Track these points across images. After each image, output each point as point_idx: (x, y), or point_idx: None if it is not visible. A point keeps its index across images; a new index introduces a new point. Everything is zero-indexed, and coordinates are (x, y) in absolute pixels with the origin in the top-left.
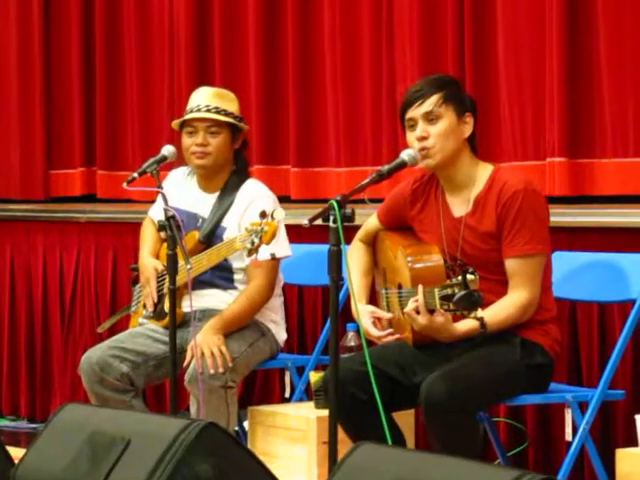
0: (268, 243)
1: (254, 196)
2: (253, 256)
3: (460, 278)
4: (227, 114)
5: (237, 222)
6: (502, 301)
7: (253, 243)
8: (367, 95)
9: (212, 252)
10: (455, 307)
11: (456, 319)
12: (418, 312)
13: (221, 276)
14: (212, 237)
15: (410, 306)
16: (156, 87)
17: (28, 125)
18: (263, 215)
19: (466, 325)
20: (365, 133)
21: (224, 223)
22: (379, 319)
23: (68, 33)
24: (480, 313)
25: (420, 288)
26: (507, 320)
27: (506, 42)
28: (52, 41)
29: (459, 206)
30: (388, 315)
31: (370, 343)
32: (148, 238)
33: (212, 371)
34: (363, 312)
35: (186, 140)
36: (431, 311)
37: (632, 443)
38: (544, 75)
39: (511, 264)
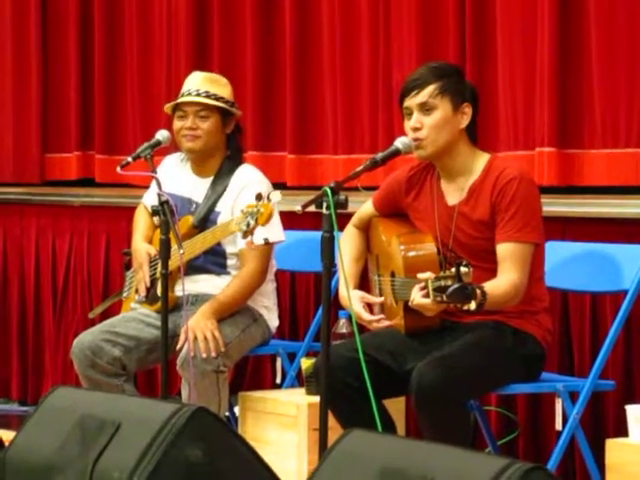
0: (264, 224)
1: (248, 181)
2: (248, 238)
3: (454, 270)
4: (217, 98)
5: (231, 207)
6: (496, 280)
7: (249, 225)
8: (364, 82)
9: (207, 234)
10: (449, 299)
11: (449, 311)
12: (427, 296)
13: (214, 261)
14: (206, 222)
15: (417, 294)
16: (155, 71)
17: (23, 108)
18: (259, 197)
19: None
20: (362, 120)
21: (218, 208)
22: (369, 304)
23: (66, 14)
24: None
25: (420, 276)
26: (503, 297)
27: (502, 31)
28: (49, 21)
29: (453, 194)
30: (379, 299)
31: (362, 330)
32: (141, 224)
33: (204, 355)
34: (353, 297)
35: (177, 123)
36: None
37: (622, 433)
38: (535, 65)
39: (502, 249)
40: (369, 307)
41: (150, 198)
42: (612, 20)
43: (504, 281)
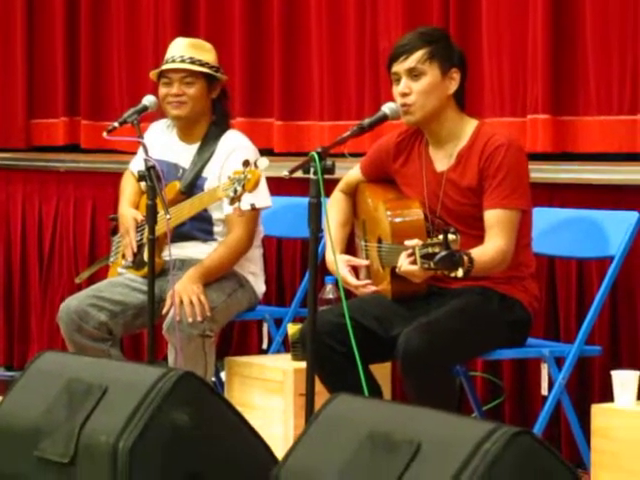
0: (251, 191)
1: (235, 146)
2: (236, 204)
3: (441, 237)
4: (202, 64)
5: (218, 172)
6: (483, 246)
7: (236, 191)
8: (351, 49)
9: (194, 200)
10: (436, 266)
11: (436, 277)
12: (414, 263)
13: (201, 228)
14: (193, 187)
15: (404, 261)
16: (142, 37)
17: (8, 73)
18: (246, 164)
19: None
20: (349, 87)
21: (205, 173)
22: (355, 268)
23: None
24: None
25: (408, 243)
26: (490, 262)
27: None
28: None
29: (442, 160)
30: (364, 262)
31: (348, 296)
32: (128, 190)
33: (190, 319)
34: (339, 261)
35: (162, 90)
36: None
37: (608, 399)
38: (527, 31)
39: (489, 215)
40: (355, 271)
41: (137, 164)
42: None
43: (491, 247)
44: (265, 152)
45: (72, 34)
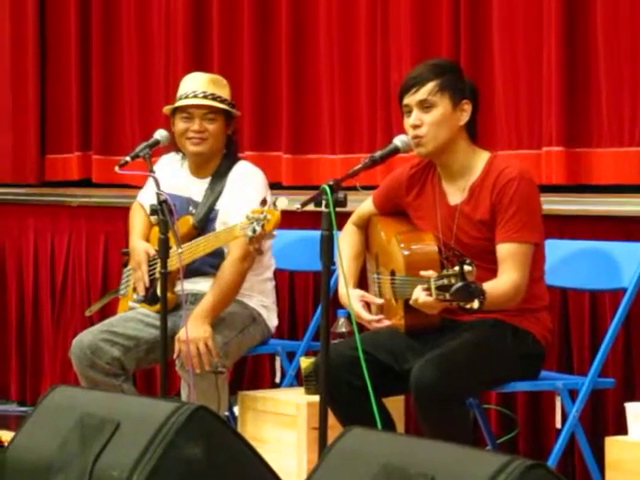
0: (271, 231)
1: (242, 172)
2: (256, 245)
3: (457, 268)
4: (222, 100)
5: (227, 201)
6: (496, 280)
7: (255, 231)
8: (362, 81)
9: (209, 237)
10: (452, 298)
11: (449, 309)
12: (430, 295)
13: (212, 264)
14: (206, 221)
15: (421, 294)
16: (153, 72)
17: (21, 108)
18: (264, 203)
19: None
20: (359, 120)
21: (217, 206)
22: (368, 303)
23: (66, 15)
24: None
25: (423, 273)
26: (503, 296)
27: (502, 29)
28: (48, 22)
29: (455, 194)
30: (379, 301)
31: (361, 329)
32: (138, 222)
33: (198, 371)
34: (352, 296)
35: (180, 125)
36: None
37: (622, 431)
38: (541, 63)
39: (502, 249)
40: (367, 306)
41: (146, 196)
42: (619, 17)
43: (504, 281)
44: (274, 186)
45: (84, 69)
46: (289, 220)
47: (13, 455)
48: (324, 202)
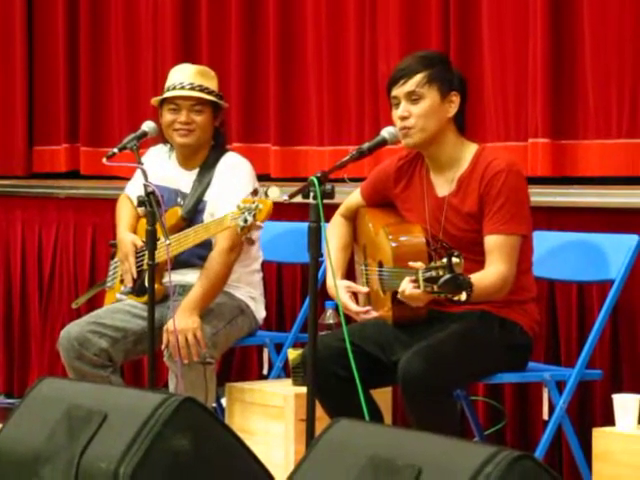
0: (263, 221)
1: (230, 163)
2: (247, 234)
3: (445, 260)
4: (210, 92)
5: (215, 191)
6: (484, 271)
7: (246, 221)
8: (350, 73)
9: (199, 228)
10: (440, 290)
11: (437, 301)
12: (417, 287)
13: (200, 255)
14: (194, 213)
15: (408, 286)
16: (141, 63)
17: (9, 100)
18: (255, 193)
19: None
20: (347, 112)
21: (205, 197)
22: (355, 294)
23: (53, 7)
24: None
25: (412, 264)
26: (490, 288)
27: (491, 21)
28: (36, 14)
29: (443, 186)
30: (364, 289)
31: (349, 320)
32: (125, 214)
33: (186, 361)
34: (339, 287)
35: (168, 117)
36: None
37: (609, 422)
38: (527, 55)
39: (490, 241)
40: (355, 296)
41: (133, 188)
42: (605, 9)
43: (491, 273)
44: (262, 177)
45: (72, 61)
46: (277, 212)
47: (0, 447)
48: (312, 194)
